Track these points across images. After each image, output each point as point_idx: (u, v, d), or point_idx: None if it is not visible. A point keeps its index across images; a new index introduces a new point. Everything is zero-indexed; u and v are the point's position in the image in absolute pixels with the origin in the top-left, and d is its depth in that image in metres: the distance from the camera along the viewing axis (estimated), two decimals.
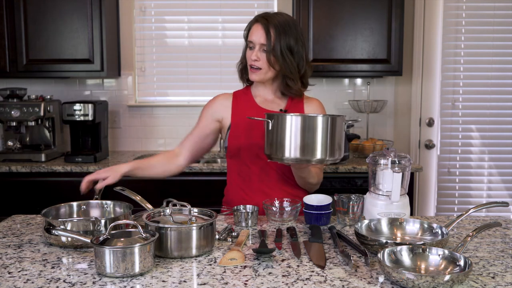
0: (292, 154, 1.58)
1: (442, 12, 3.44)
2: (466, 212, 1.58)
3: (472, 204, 3.51)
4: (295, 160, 1.60)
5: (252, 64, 1.83)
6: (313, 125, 1.57)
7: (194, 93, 3.57)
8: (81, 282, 1.21)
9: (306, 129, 1.57)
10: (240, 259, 1.35)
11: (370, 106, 3.33)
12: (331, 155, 1.60)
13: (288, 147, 1.58)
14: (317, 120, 1.58)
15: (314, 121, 1.58)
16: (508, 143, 3.56)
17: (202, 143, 1.98)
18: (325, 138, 1.58)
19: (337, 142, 1.61)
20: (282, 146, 1.59)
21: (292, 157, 1.59)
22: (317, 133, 1.57)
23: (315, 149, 1.58)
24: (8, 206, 2.92)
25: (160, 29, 3.54)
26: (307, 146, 1.57)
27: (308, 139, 1.57)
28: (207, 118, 1.96)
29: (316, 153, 1.58)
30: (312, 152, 1.58)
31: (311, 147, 1.57)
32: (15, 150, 3.18)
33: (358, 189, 2.90)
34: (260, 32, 1.80)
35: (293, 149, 1.58)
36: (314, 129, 1.57)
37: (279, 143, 1.59)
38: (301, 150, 1.57)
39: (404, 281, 1.14)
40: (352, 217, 1.70)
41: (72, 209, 1.68)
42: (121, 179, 2.95)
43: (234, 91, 2.00)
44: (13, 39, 3.14)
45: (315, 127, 1.57)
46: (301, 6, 3.12)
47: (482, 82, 3.52)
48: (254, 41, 1.81)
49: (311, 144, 1.57)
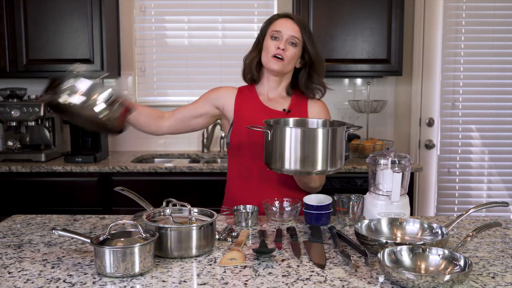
0: (292, 166, 1.54)
1: (442, 12, 3.44)
2: (466, 212, 1.58)
3: (472, 204, 3.51)
4: (295, 172, 1.58)
5: (277, 54, 1.82)
6: (314, 137, 1.53)
7: (194, 93, 3.57)
8: (81, 282, 1.21)
9: (306, 142, 1.53)
10: (240, 259, 1.35)
11: (370, 106, 3.33)
12: (333, 165, 1.56)
13: (288, 159, 1.54)
14: (318, 132, 1.54)
15: (314, 134, 1.54)
16: (508, 143, 3.56)
17: (191, 121, 1.96)
18: (326, 149, 1.54)
19: (338, 153, 1.57)
20: (282, 157, 1.55)
21: (292, 169, 1.55)
22: (317, 145, 1.53)
23: (316, 161, 1.54)
24: (8, 206, 2.92)
25: (160, 29, 3.54)
26: (307, 159, 1.53)
27: (308, 152, 1.53)
28: (206, 100, 1.96)
29: (317, 165, 1.54)
30: (313, 164, 1.54)
31: (311, 160, 1.53)
32: (15, 150, 3.18)
33: (358, 189, 2.90)
34: (291, 25, 1.83)
35: (293, 161, 1.54)
36: (315, 141, 1.53)
37: (279, 154, 1.56)
38: (302, 162, 1.54)
39: (404, 281, 1.14)
40: (352, 217, 1.70)
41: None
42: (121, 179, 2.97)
43: (240, 86, 1.99)
44: (13, 39, 3.14)
45: (316, 139, 1.53)
46: (301, 6, 3.12)
47: (482, 82, 3.52)
48: (283, 32, 1.82)
49: (312, 156, 1.53)
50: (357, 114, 3.49)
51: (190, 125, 1.97)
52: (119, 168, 2.93)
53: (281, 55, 1.82)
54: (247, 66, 1.94)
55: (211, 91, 1.99)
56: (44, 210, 2.87)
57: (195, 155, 3.45)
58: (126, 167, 2.93)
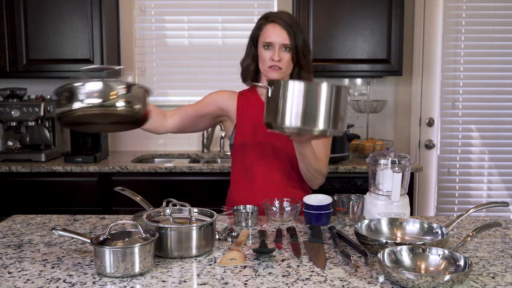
0: (293, 122, 1.48)
1: (442, 12, 3.44)
2: (466, 212, 1.58)
3: (472, 204, 3.51)
4: (296, 129, 1.50)
5: (275, 65, 1.82)
6: (316, 93, 1.47)
7: (194, 93, 3.56)
8: (81, 282, 1.21)
9: (309, 96, 1.47)
10: (240, 259, 1.35)
11: (370, 106, 3.33)
12: (334, 126, 1.49)
13: (289, 115, 1.47)
14: (321, 88, 1.48)
15: (317, 89, 1.48)
16: (508, 143, 3.56)
17: (196, 121, 1.95)
18: (329, 107, 1.47)
19: (340, 114, 1.51)
20: (283, 114, 1.48)
21: (293, 126, 1.48)
22: (320, 101, 1.47)
23: (317, 118, 1.47)
24: (8, 206, 2.92)
25: (160, 29, 3.54)
26: (309, 115, 1.47)
27: (310, 108, 1.47)
28: (210, 100, 1.95)
29: (318, 122, 1.48)
30: (314, 121, 1.47)
31: (313, 116, 1.47)
32: (15, 150, 3.18)
33: (358, 189, 2.90)
34: (279, 32, 1.81)
35: (294, 117, 1.47)
36: (317, 97, 1.47)
37: (280, 110, 1.49)
38: (303, 118, 1.47)
39: (404, 281, 1.14)
40: (352, 217, 1.70)
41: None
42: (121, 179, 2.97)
43: (239, 91, 1.99)
44: (13, 39, 3.14)
45: (319, 95, 1.47)
46: (301, 6, 3.12)
47: (482, 82, 3.52)
48: (274, 42, 1.81)
49: (314, 112, 1.47)
50: (357, 114, 3.49)
51: (194, 125, 1.96)
52: (119, 168, 2.93)
53: (277, 65, 1.82)
54: (245, 71, 1.93)
55: (215, 93, 1.98)
56: (44, 210, 2.86)
57: (195, 155, 3.45)
58: (126, 167, 2.93)
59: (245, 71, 1.93)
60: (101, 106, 1.29)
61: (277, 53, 1.81)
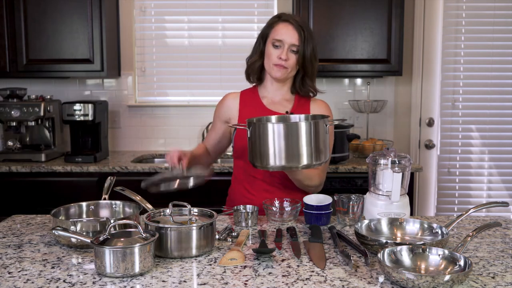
0: (277, 162, 1.53)
1: (442, 12, 3.44)
2: (466, 212, 1.58)
3: (472, 204, 3.51)
4: (281, 168, 1.55)
5: (280, 64, 1.83)
6: (296, 132, 1.52)
7: (194, 93, 3.57)
8: (81, 282, 1.21)
9: (290, 136, 1.51)
10: (240, 259, 1.35)
11: (370, 106, 3.33)
12: (317, 159, 1.55)
13: (273, 155, 1.52)
14: (300, 126, 1.53)
15: (297, 128, 1.53)
16: (508, 143, 3.56)
17: (219, 144, 2.02)
18: (309, 143, 1.52)
19: (320, 146, 1.56)
20: (266, 154, 1.53)
21: (278, 165, 1.53)
22: (300, 139, 1.52)
23: (300, 155, 1.52)
24: (8, 206, 2.92)
25: (160, 29, 3.54)
26: (291, 154, 1.52)
27: (292, 147, 1.51)
28: (218, 120, 2.00)
29: (301, 159, 1.53)
30: (298, 158, 1.52)
31: (296, 154, 1.52)
32: (15, 150, 3.18)
33: (358, 189, 2.90)
34: (291, 33, 1.82)
35: (277, 157, 1.52)
36: (298, 136, 1.52)
37: (263, 152, 1.53)
38: (286, 158, 1.52)
39: (404, 281, 1.14)
40: (352, 217, 1.70)
41: (82, 209, 1.69)
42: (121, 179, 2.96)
43: (242, 91, 2.00)
44: (13, 39, 3.14)
45: (299, 133, 1.52)
46: (301, 6, 3.12)
47: (482, 82, 3.52)
48: (284, 41, 1.81)
49: (296, 151, 1.52)
50: (357, 114, 3.49)
51: (221, 148, 2.05)
52: (119, 168, 2.93)
53: (283, 65, 1.82)
54: (250, 68, 1.94)
55: (217, 109, 2.01)
56: (44, 210, 2.86)
57: None
58: (126, 167, 2.93)
59: (250, 68, 1.93)
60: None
61: (285, 52, 1.82)
